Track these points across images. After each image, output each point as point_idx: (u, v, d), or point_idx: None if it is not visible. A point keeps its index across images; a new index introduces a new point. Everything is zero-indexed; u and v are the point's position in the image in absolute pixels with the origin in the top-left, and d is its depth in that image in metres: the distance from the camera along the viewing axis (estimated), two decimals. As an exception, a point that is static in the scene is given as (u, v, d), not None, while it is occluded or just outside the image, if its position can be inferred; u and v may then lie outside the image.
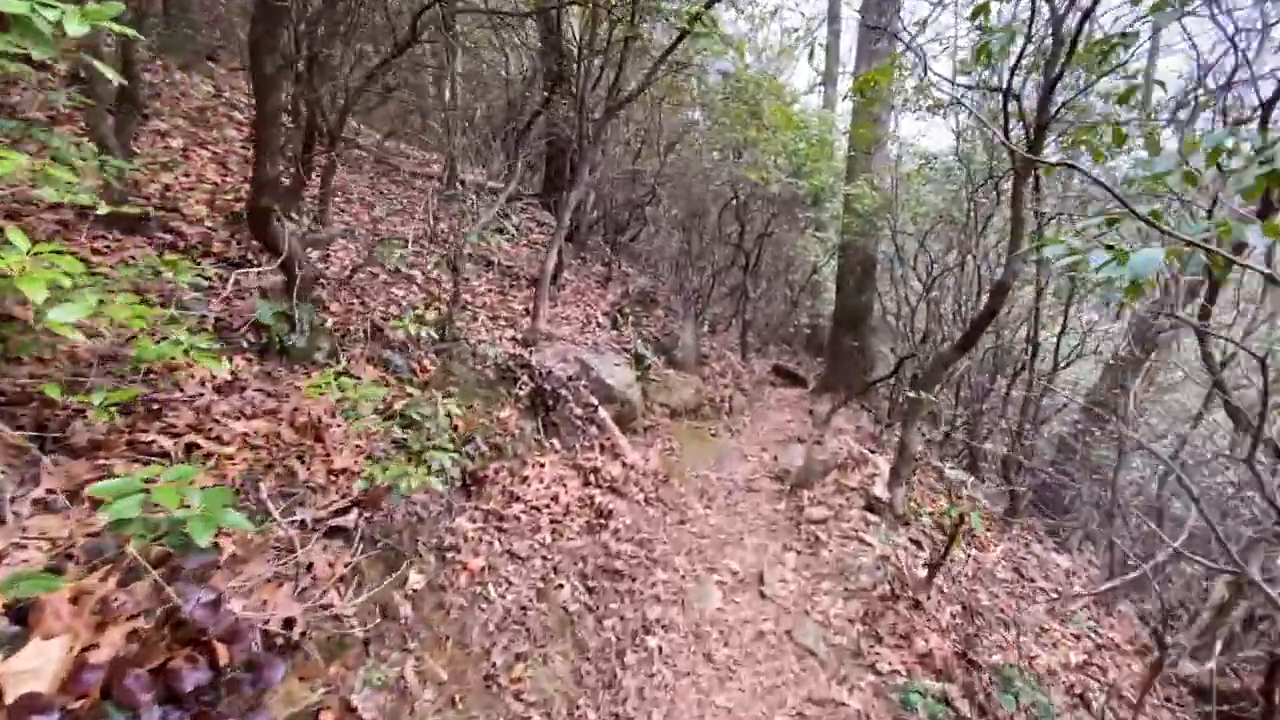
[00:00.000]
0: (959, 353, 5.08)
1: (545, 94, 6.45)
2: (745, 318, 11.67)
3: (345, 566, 2.61)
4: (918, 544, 4.90)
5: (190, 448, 2.57)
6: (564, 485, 4.50)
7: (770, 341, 13.73)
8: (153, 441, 2.46)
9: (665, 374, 7.81)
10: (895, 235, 6.69)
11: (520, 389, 4.99)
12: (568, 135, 7.48)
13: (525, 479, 4.32)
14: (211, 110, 7.18)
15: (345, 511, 2.74)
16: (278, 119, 3.14)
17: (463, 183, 7.74)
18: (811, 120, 10.54)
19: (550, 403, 5.11)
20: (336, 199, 6.43)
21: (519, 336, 5.52)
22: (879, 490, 5.03)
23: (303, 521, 2.62)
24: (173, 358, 2.19)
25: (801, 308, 13.79)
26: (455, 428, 4.19)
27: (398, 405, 3.73)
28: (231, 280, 3.40)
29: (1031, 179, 5.18)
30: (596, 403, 5.54)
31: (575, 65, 6.22)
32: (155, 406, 2.68)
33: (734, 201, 10.48)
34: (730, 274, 12.63)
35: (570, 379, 5.48)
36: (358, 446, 3.17)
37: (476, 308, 5.61)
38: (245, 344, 3.50)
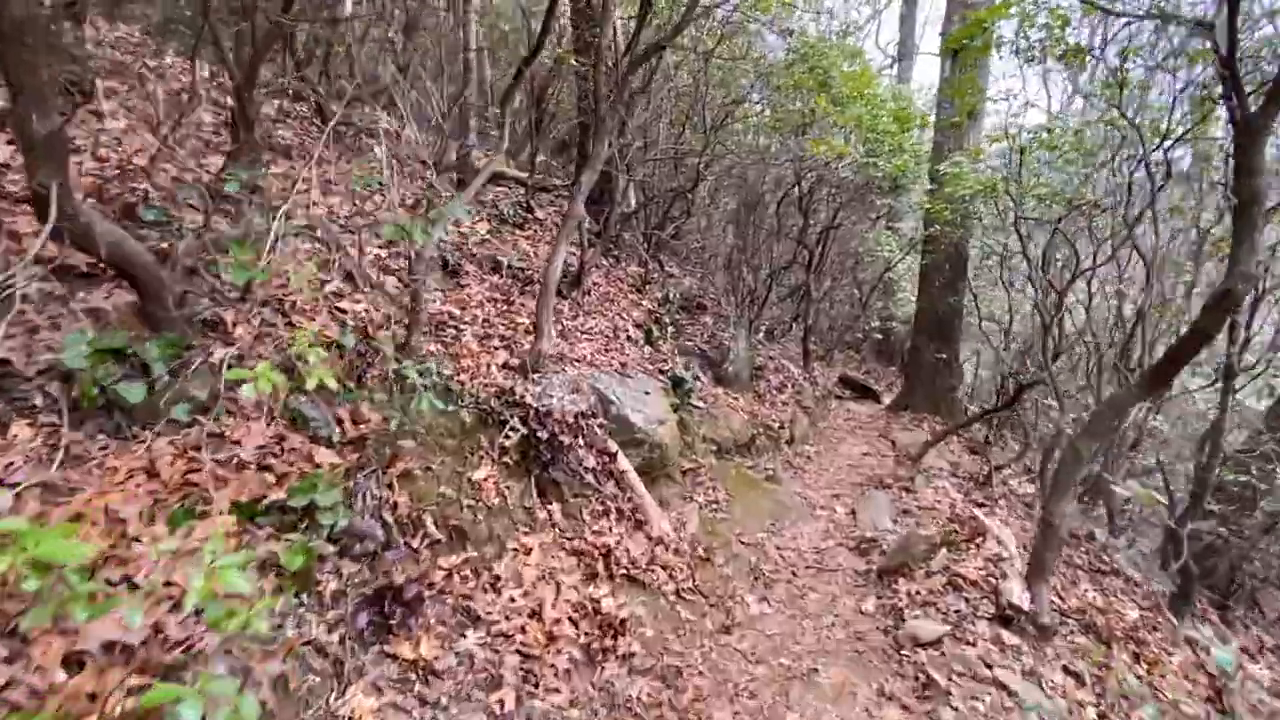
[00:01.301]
0: (1146, 392, 3.36)
1: (534, 47, 5.00)
2: (808, 322, 9.97)
3: None
4: (1076, 676, 3.24)
5: None
6: (556, 584, 3.08)
7: (835, 348, 11.96)
8: None
9: (713, 394, 6.29)
10: (1019, 222, 4.92)
11: (507, 437, 3.60)
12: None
13: (496, 580, 2.92)
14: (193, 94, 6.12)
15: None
16: (27, 37, 1.82)
17: (465, 164, 6.44)
18: (887, 95, 8.74)
19: (549, 454, 3.69)
20: (302, 189, 5.21)
21: (515, 362, 4.12)
22: (1014, 592, 3.38)
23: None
24: None
25: (871, 310, 11.94)
26: (393, 506, 2.83)
27: (279, 492, 2.38)
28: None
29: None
30: (616, 449, 4.09)
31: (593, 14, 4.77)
32: None
33: (795, 190, 8.81)
34: (790, 273, 10.95)
35: (581, 417, 4.05)
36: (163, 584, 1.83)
37: (464, 322, 4.24)
38: (41, 401, 2.22)
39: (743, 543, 4.39)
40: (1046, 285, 5.02)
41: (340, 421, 2.91)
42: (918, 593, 3.64)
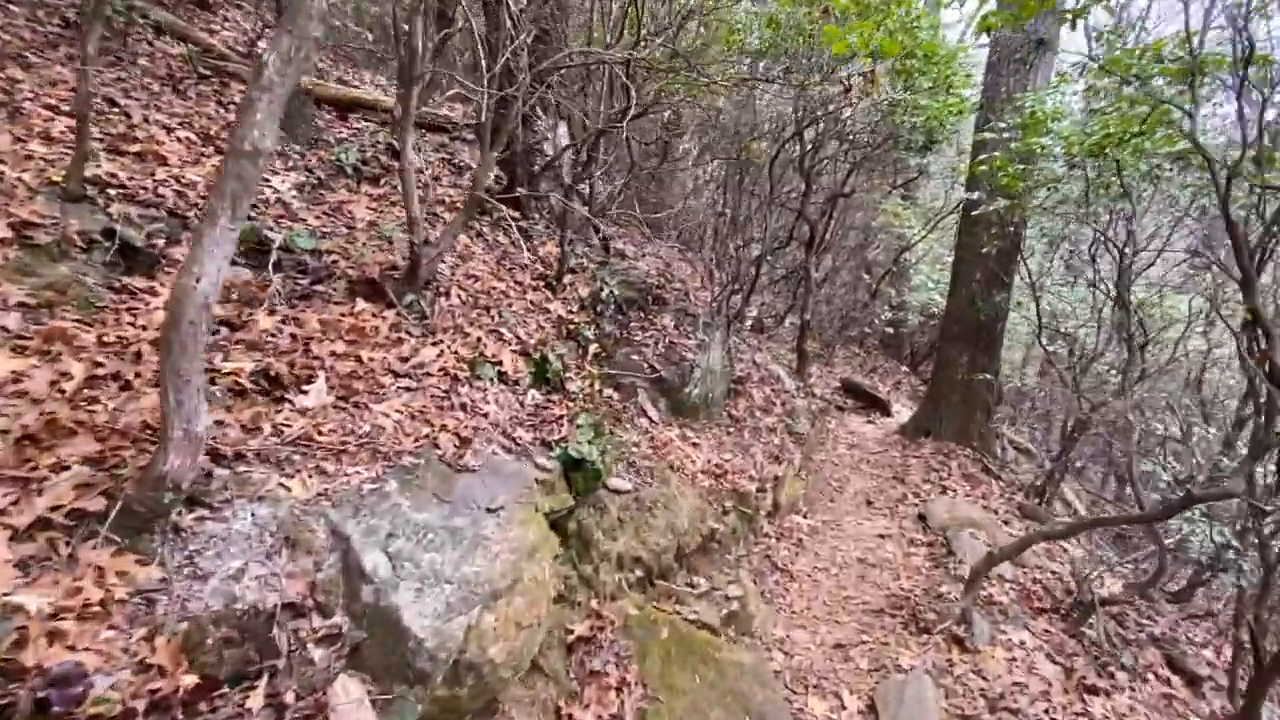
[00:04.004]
0: None
1: None
2: (805, 316, 7.42)
3: None
4: None
5: None
6: None
7: (835, 343, 9.41)
8: None
9: (660, 443, 3.86)
10: (1225, 202, 2.33)
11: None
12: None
13: None
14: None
15: None
16: None
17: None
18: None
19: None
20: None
21: (95, 505, 1.62)
22: None
23: None
24: None
25: (881, 297, 9.34)
26: None
27: None
28: None
29: None
30: (341, 700, 1.64)
31: None
32: None
33: (796, 144, 6.14)
34: (785, 252, 8.34)
35: (284, 616, 1.60)
36: None
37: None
38: None
39: None
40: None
41: None
42: None
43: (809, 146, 6.36)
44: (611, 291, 4.47)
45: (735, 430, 5.16)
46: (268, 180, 3.49)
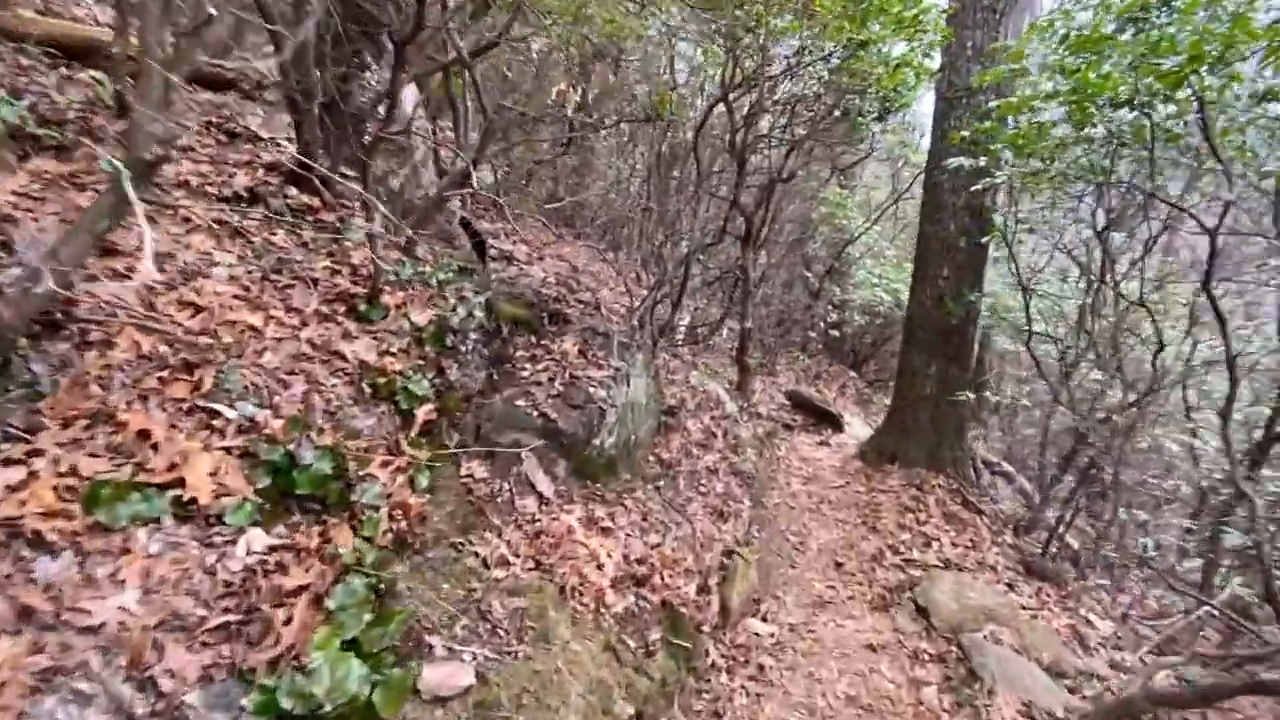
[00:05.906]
0: None
1: None
2: (745, 324, 6.07)
3: None
4: None
5: None
6: None
7: (776, 350, 8.14)
8: None
9: (553, 541, 2.39)
10: None
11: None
12: None
13: None
14: None
15: None
16: None
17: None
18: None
19: None
20: None
21: None
22: None
23: None
24: None
25: (824, 297, 8.13)
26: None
27: None
28: None
29: None
30: None
31: None
32: None
33: (727, 116, 4.76)
34: (717, 249, 7.00)
35: None
36: None
37: None
38: None
39: None
40: None
41: None
42: None
43: (740, 122, 5.00)
44: (472, 313, 2.93)
45: (668, 481, 3.74)
46: None
